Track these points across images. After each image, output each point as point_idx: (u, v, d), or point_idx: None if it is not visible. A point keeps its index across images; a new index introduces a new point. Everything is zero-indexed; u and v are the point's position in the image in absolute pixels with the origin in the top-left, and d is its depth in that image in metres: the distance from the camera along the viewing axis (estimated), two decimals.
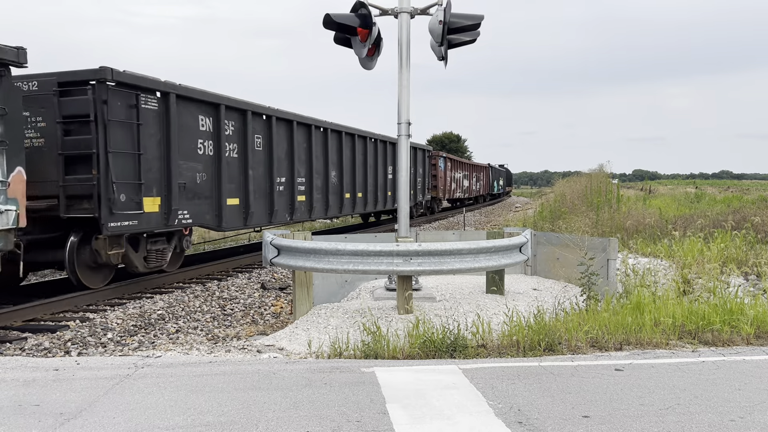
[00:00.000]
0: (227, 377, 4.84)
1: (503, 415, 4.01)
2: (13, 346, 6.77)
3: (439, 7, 7.07)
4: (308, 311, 7.38)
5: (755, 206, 17.66)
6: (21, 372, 5.02)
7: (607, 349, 5.64)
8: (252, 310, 8.86)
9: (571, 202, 19.85)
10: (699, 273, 8.52)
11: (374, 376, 4.81)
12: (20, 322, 7.87)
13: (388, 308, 7.22)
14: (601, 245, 7.95)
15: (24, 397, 4.39)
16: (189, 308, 8.89)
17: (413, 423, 3.87)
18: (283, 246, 7.10)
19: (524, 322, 5.90)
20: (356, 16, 7.13)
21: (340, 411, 4.08)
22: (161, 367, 5.15)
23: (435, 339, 5.59)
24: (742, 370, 4.96)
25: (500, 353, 5.56)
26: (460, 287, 8.59)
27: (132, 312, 8.47)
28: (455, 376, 4.79)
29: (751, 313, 6.22)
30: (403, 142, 7.35)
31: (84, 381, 4.75)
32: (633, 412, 4.06)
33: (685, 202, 23.26)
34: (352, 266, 6.69)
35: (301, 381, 4.73)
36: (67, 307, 8.65)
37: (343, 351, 5.68)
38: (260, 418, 3.95)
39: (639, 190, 37.08)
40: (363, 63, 7.40)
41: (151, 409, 4.11)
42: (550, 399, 4.31)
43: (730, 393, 4.42)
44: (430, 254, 6.67)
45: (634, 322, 6.00)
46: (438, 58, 7.31)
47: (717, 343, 5.84)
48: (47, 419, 3.96)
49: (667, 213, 16.22)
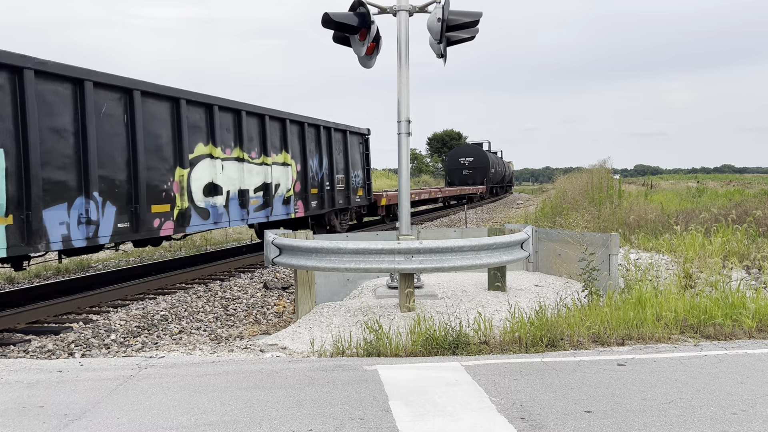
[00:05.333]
0: (230, 377, 4.85)
1: (506, 411, 4.02)
2: (17, 348, 6.79)
3: (438, 4, 7.07)
4: (311, 310, 7.39)
5: (757, 200, 17.65)
6: (25, 374, 5.04)
7: (609, 344, 5.64)
8: (255, 310, 8.87)
9: (573, 198, 19.83)
10: (701, 267, 8.52)
11: (377, 374, 4.83)
12: (23, 324, 7.90)
13: (390, 306, 7.23)
14: (603, 241, 7.95)
15: (28, 398, 4.41)
16: (192, 309, 8.91)
17: (416, 420, 3.88)
18: (285, 245, 7.12)
19: (526, 318, 5.91)
20: (355, 15, 7.14)
21: (343, 409, 4.09)
22: (164, 367, 5.16)
23: (437, 336, 5.60)
24: (744, 364, 4.96)
25: (502, 350, 5.57)
26: (462, 284, 8.60)
27: (135, 313, 8.50)
28: (458, 373, 4.80)
29: (753, 307, 6.22)
30: (403, 140, 7.36)
31: (88, 382, 4.77)
32: (635, 406, 4.07)
33: (686, 197, 23.23)
34: (354, 264, 6.70)
35: (304, 380, 4.74)
36: (70, 309, 8.67)
37: (345, 349, 5.69)
38: (263, 417, 3.96)
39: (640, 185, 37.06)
40: (362, 61, 7.41)
41: (154, 410, 4.12)
42: (553, 394, 4.31)
43: (732, 387, 4.43)
44: (431, 251, 6.68)
45: (636, 316, 6.00)
46: (437, 56, 7.32)
47: (719, 336, 5.84)
48: (51, 420, 3.97)
49: (668, 208, 16.22)
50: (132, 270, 12.03)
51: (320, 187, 15.83)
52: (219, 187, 11.66)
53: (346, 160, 17.46)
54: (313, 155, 15.49)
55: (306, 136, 15.08)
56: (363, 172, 18.89)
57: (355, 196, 18.04)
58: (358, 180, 18.42)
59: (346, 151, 17.51)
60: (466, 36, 7.35)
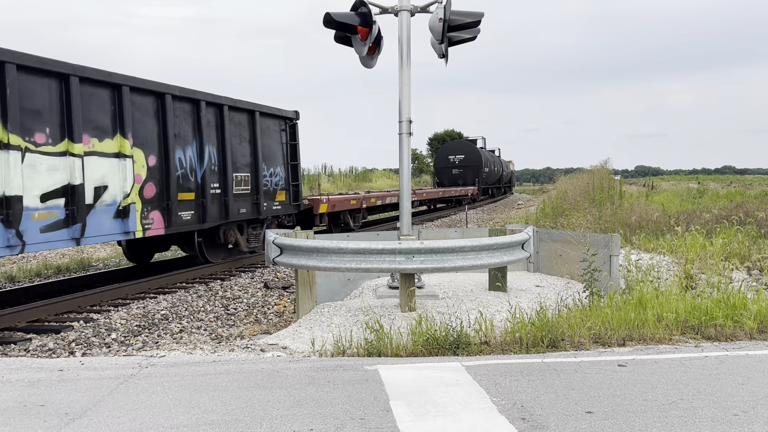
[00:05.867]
0: (231, 376, 4.85)
1: (506, 411, 4.02)
2: (18, 347, 6.79)
3: (439, 4, 7.07)
4: (311, 310, 7.39)
5: (758, 201, 17.64)
6: (26, 373, 5.04)
7: (610, 345, 5.64)
8: (255, 310, 8.88)
9: (574, 199, 19.83)
10: (702, 268, 8.51)
11: (377, 374, 4.83)
12: (24, 323, 7.91)
13: (391, 306, 7.23)
14: (604, 241, 7.95)
15: (29, 397, 4.41)
16: (192, 308, 8.91)
17: (417, 420, 3.88)
18: (286, 245, 7.12)
19: (527, 318, 5.91)
20: (356, 15, 7.14)
21: (343, 409, 4.09)
22: (165, 366, 5.17)
23: (438, 336, 5.59)
24: (745, 365, 4.96)
25: (503, 350, 5.57)
26: (463, 285, 8.60)
27: (136, 312, 8.50)
28: (458, 373, 4.80)
29: (754, 308, 6.22)
30: (404, 140, 7.36)
31: (88, 381, 4.77)
32: (636, 407, 4.07)
33: (687, 198, 23.21)
34: (355, 264, 6.71)
35: (304, 379, 4.74)
36: (71, 308, 8.68)
37: (346, 349, 5.69)
38: (264, 417, 3.97)
39: (641, 186, 37.05)
40: (363, 61, 7.41)
41: (155, 409, 4.13)
42: (554, 395, 4.31)
43: (733, 388, 4.42)
44: (432, 252, 6.68)
45: (637, 317, 6.00)
46: (438, 56, 7.32)
47: (720, 338, 5.83)
48: (52, 419, 3.97)
49: (669, 209, 16.21)
50: (132, 269, 12.04)
51: (200, 191, 11.17)
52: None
53: (254, 151, 12.72)
54: (187, 143, 10.88)
55: (169, 114, 10.29)
56: (286, 170, 14.06)
57: (271, 203, 13.36)
58: (277, 180, 13.70)
59: (254, 140, 12.72)
60: (468, 36, 7.35)
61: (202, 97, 11.18)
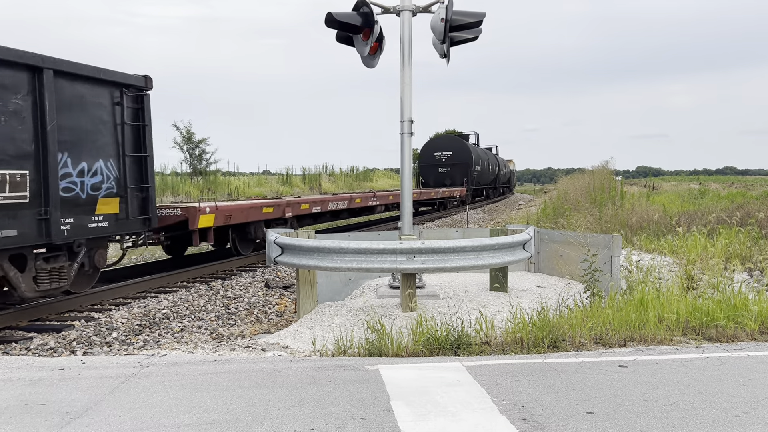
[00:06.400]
0: (232, 375, 4.85)
1: (507, 411, 4.02)
2: (19, 346, 6.80)
3: (441, 4, 7.07)
4: (312, 309, 7.39)
5: (759, 202, 17.62)
6: (27, 371, 5.04)
7: (611, 346, 5.64)
8: (256, 309, 8.88)
9: (575, 199, 19.83)
10: (703, 269, 8.51)
11: (378, 374, 4.83)
12: (25, 321, 7.91)
13: (392, 306, 7.23)
14: (605, 242, 7.94)
15: (30, 396, 4.42)
16: (193, 307, 8.91)
17: (418, 420, 3.88)
18: (287, 244, 7.12)
19: (528, 319, 5.91)
20: (358, 15, 7.14)
21: (344, 408, 4.09)
22: (166, 365, 5.17)
23: (439, 336, 5.59)
24: (746, 366, 4.95)
25: (504, 350, 5.57)
26: (464, 285, 8.60)
27: (137, 311, 8.50)
28: (459, 374, 4.80)
29: (756, 309, 6.21)
30: (406, 140, 7.36)
31: (89, 380, 4.78)
32: (637, 408, 4.07)
33: (688, 199, 23.20)
34: (356, 264, 6.71)
35: (305, 379, 4.74)
36: (72, 307, 8.68)
37: (347, 349, 5.69)
38: (265, 416, 3.97)
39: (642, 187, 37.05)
40: (365, 61, 7.41)
41: (156, 408, 4.13)
42: (554, 395, 4.31)
43: (734, 389, 4.42)
44: (433, 252, 6.68)
45: (638, 318, 6.00)
46: (440, 56, 7.32)
47: (721, 339, 5.83)
48: (53, 418, 3.98)
49: (670, 209, 16.20)
50: (133, 268, 12.05)
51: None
52: None
53: (39, 135, 7.66)
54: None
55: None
56: (121, 165, 9.21)
57: (85, 218, 8.50)
58: (101, 181, 8.84)
59: (41, 115, 7.65)
60: (470, 36, 7.35)
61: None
